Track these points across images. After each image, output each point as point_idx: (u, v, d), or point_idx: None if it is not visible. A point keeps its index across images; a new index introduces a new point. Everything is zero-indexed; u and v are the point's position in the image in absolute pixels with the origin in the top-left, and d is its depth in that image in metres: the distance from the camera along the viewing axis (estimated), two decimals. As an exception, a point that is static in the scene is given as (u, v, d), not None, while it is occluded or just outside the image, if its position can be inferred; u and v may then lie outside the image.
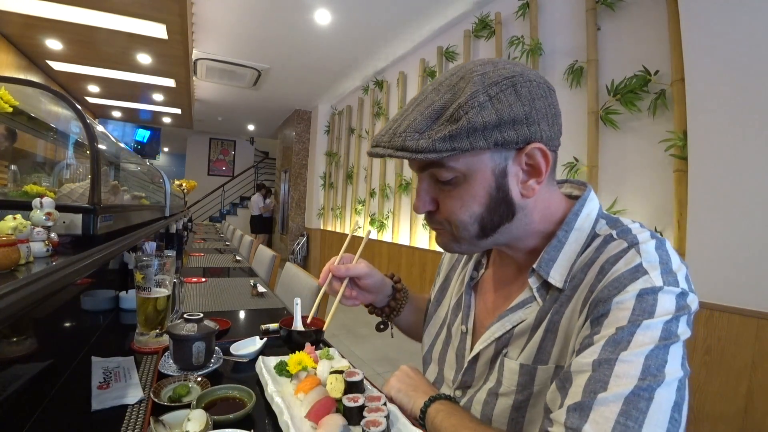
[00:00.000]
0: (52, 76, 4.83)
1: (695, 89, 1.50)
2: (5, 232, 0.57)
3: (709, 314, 1.40)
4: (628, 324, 0.41)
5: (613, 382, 0.39)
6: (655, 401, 0.37)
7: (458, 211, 0.50)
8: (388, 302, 0.78)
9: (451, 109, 0.45)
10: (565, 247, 0.52)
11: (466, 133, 0.44)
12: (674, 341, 0.40)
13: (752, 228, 1.32)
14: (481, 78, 0.46)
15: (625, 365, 0.39)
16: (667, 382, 0.38)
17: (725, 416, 1.35)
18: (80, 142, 1.36)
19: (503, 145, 0.46)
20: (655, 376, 0.38)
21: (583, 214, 0.53)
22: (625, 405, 0.37)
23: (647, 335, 0.40)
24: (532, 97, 0.47)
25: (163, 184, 2.38)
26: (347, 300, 0.71)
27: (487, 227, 0.51)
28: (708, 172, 1.45)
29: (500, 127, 0.45)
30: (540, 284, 0.53)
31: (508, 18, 2.69)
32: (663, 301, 0.41)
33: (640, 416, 0.37)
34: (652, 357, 0.39)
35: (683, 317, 0.42)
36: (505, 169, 0.48)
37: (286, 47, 4.05)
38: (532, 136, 0.47)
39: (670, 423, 0.37)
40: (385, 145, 0.48)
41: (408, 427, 0.59)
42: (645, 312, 0.41)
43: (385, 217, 4.17)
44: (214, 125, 8.49)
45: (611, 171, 2.00)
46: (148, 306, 0.95)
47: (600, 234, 0.52)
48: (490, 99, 0.45)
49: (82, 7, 3.10)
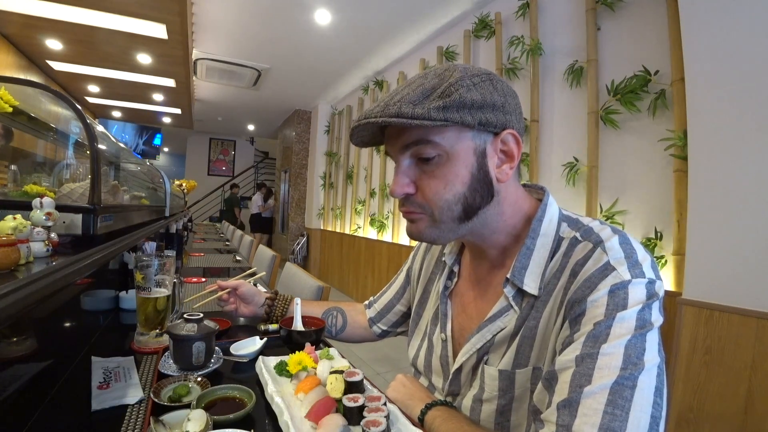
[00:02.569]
0: (52, 76, 4.83)
1: (695, 89, 1.50)
2: (5, 232, 0.57)
3: (709, 314, 1.40)
4: (604, 318, 0.43)
5: (597, 374, 0.40)
6: (638, 388, 0.39)
7: (442, 191, 0.51)
8: (264, 311, 1.04)
9: (442, 87, 0.48)
10: (534, 254, 0.54)
11: (457, 106, 0.47)
12: (649, 329, 0.42)
13: (752, 228, 1.32)
14: (464, 69, 0.51)
15: (607, 357, 0.41)
16: (648, 369, 0.40)
17: (725, 416, 1.35)
18: (80, 142, 1.36)
19: (486, 125, 0.50)
20: (635, 364, 0.40)
21: (545, 220, 0.56)
22: (611, 395, 0.39)
23: (623, 326, 0.42)
24: (505, 93, 0.52)
25: (163, 184, 2.38)
26: (225, 303, 1.03)
27: (469, 208, 0.52)
28: (708, 172, 1.45)
29: (484, 108, 0.49)
30: (515, 292, 0.55)
31: (508, 18, 2.69)
32: (633, 293, 0.44)
33: (625, 404, 0.38)
34: (631, 346, 0.41)
35: (654, 304, 0.44)
36: (484, 150, 0.51)
37: (286, 47, 4.04)
38: (508, 123, 0.51)
39: (653, 407, 0.39)
40: (378, 115, 0.49)
41: (408, 427, 0.59)
42: (618, 306, 0.43)
43: (385, 217, 4.17)
44: (214, 125, 8.49)
45: (611, 171, 2.00)
46: (148, 306, 0.95)
47: (565, 237, 0.54)
48: (474, 85, 0.49)
49: (82, 7, 3.10)
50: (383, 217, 4.19)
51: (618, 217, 1.93)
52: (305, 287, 1.56)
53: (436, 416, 0.58)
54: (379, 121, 0.48)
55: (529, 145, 2.43)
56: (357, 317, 0.99)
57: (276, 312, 1.06)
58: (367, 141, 0.58)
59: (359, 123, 0.51)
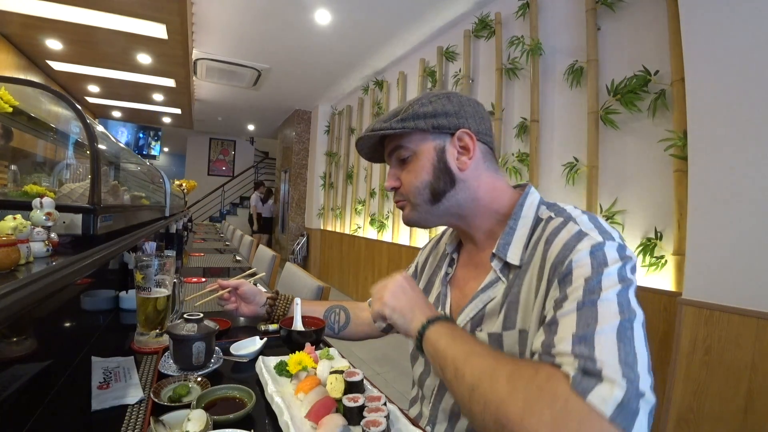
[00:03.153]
0: (52, 76, 4.83)
1: (695, 89, 1.50)
2: (5, 232, 0.57)
3: (709, 314, 1.40)
4: (592, 275, 0.49)
5: (601, 318, 0.45)
6: (635, 331, 0.44)
7: (414, 180, 0.66)
8: (265, 311, 1.06)
9: (404, 107, 0.67)
10: (516, 232, 0.63)
11: (412, 117, 0.64)
12: (628, 284, 0.49)
13: (752, 228, 1.32)
14: (426, 93, 0.69)
15: (605, 304, 0.46)
16: (638, 317, 0.46)
17: (725, 416, 1.35)
18: (80, 142, 1.36)
19: (439, 128, 0.65)
20: (628, 311, 0.46)
21: (526, 205, 0.65)
22: (618, 335, 0.43)
23: (610, 280, 0.48)
24: (461, 104, 0.67)
25: (163, 184, 2.38)
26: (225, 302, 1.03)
27: (435, 192, 0.65)
28: (708, 172, 1.45)
29: (436, 117, 0.64)
30: (502, 266, 0.63)
31: (508, 18, 2.69)
32: (609, 252, 0.51)
33: (629, 343, 0.43)
34: (621, 296, 0.47)
35: (628, 264, 0.51)
36: (443, 147, 0.65)
37: (286, 47, 4.04)
38: (461, 125, 0.65)
39: (646, 350, 0.44)
40: (364, 134, 0.69)
41: (408, 427, 0.59)
42: (601, 263, 0.50)
43: (385, 217, 4.17)
44: (214, 125, 8.48)
45: (611, 171, 2.00)
46: (148, 306, 0.95)
47: (543, 217, 0.63)
48: (430, 102, 0.66)
49: (82, 7, 3.10)
50: (383, 217, 4.19)
51: (618, 217, 1.93)
52: (305, 287, 1.56)
53: (441, 334, 0.55)
54: (363, 136, 0.69)
55: (529, 145, 2.43)
56: (360, 313, 1.01)
57: (277, 312, 1.07)
58: (370, 155, 0.76)
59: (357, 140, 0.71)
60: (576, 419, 0.37)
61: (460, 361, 0.50)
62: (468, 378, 0.48)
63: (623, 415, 0.37)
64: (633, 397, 0.38)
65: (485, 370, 0.47)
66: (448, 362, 0.52)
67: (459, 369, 0.50)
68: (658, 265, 1.72)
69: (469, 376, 0.48)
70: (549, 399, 0.40)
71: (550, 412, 0.38)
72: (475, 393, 0.46)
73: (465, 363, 0.49)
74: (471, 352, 0.51)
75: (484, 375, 0.47)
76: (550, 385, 0.41)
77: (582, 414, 0.38)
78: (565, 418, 0.38)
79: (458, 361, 0.50)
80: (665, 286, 1.68)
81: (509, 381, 0.44)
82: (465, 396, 0.48)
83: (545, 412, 0.39)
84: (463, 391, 0.48)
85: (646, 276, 1.77)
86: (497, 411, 0.42)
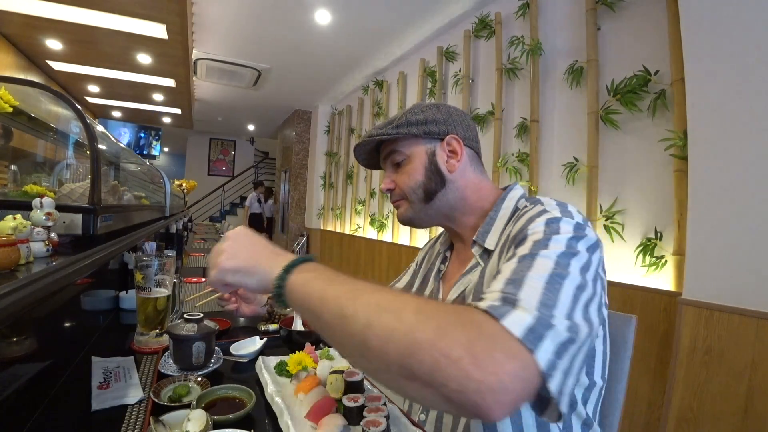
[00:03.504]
0: (52, 76, 4.83)
1: (695, 89, 1.50)
2: (5, 232, 0.57)
3: (709, 314, 1.40)
4: (542, 238, 0.53)
5: (536, 267, 0.48)
6: (565, 287, 0.46)
7: (408, 181, 0.73)
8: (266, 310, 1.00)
9: (399, 116, 0.74)
10: (496, 222, 0.70)
11: (405, 124, 0.71)
12: (574, 252, 0.51)
13: (752, 228, 1.32)
14: (417, 103, 0.76)
15: (543, 259, 0.49)
16: (572, 278, 0.47)
17: (725, 416, 1.35)
18: (80, 142, 1.36)
19: (429, 134, 0.72)
20: (562, 269, 0.48)
21: (508, 198, 0.72)
22: (547, 283, 0.46)
23: (557, 245, 0.52)
24: (449, 113, 0.74)
25: (163, 184, 2.38)
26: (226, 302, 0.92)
27: (428, 191, 0.72)
28: (708, 172, 1.45)
29: (426, 124, 0.72)
30: (482, 252, 0.70)
31: (508, 18, 2.69)
32: (564, 226, 0.55)
33: (555, 292, 0.45)
34: (561, 257, 0.50)
35: (582, 239, 0.54)
36: (434, 151, 0.72)
37: (286, 47, 4.04)
38: (449, 131, 0.72)
39: (579, 305, 0.45)
40: (361, 141, 0.76)
41: (408, 427, 0.59)
42: (553, 231, 0.54)
43: (385, 217, 4.16)
44: (214, 125, 8.48)
45: (611, 171, 2.00)
46: (148, 306, 0.95)
47: (519, 207, 0.69)
48: (422, 111, 0.73)
49: (82, 7, 3.09)
50: (383, 217, 4.19)
51: (618, 216, 1.93)
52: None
53: (310, 278, 0.49)
54: (360, 142, 0.76)
55: (529, 145, 2.43)
56: None
57: (278, 311, 1.07)
58: (367, 161, 0.82)
59: (354, 147, 0.78)
60: (489, 338, 0.38)
61: (346, 299, 0.44)
62: (362, 314, 0.42)
63: (531, 338, 0.38)
64: (541, 325, 0.40)
65: (386, 304, 0.42)
66: (329, 303, 0.44)
67: (346, 307, 0.43)
68: (658, 265, 1.72)
69: (363, 312, 0.42)
70: (463, 322, 0.39)
71: (464, 333, 0.37)
72: (373, 328, 0.40)
73: (354, 300, 0.43)
74: (360, 289, 0.45)
75: (386, 308, 0.41)
76: (467, 312, 0.41)
77: (495, 333, 0.38)
78: (479, 337, 0.37)
79: (343, 299, 0.44)
80: (665, 286, 1.67)
81: (418, 312, 0.40)
82: (356, 334, 0.41)
83: (459, 334, 0.37)
84: (353, 329, 0.41)
85: (646, 276, 1.77)
86: (404, 338, 0.38)
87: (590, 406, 0.63)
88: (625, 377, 0.76)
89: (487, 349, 0.37)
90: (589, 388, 0.62)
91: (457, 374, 0.35)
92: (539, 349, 0.38)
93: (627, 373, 0.76)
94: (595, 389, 0.63)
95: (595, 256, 0.54)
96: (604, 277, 0.56)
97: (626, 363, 0.76)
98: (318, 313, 0.46)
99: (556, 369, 0.39)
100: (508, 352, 0.37)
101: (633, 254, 1.83)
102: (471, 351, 0.36)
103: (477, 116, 2.88)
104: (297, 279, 0.49)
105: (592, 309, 0.47)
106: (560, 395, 0.39)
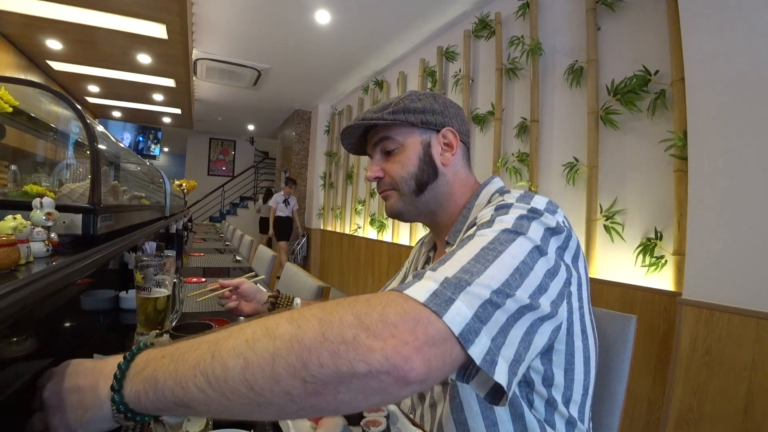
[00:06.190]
0: (52, 76, 4.83)
1: (695, 89, 1.50)
2: (5, 232, 0.57)
3: (709, 314, 1.40)
4: (487, 221, 0.52)
5: (468, 246, 0.47)
6: (499, 258, 0.44)
7: (400, 171, 0.70)
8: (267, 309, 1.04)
9: (395, 101, 0.70)
10: (468, 220, 0.67)
11: (403, 111, 0.68)
12: (521, 232, 0.49)
13: (752, 228, 1.32)
14: (414, 91, 0.73)
15: (479, 237, 0.48)
16: (511, 251, 0.45)
17: (725, 416, 1.35)
18: (80, 142, 1.36)
19: (426, 124, 0.69)
20: (498, 244, 0.46)
21: (482, 194, 0.70)
22: (477, 255, 0.45)
23: (500, 224, 0.50)
24: (446, 105, 0.72)
25: (163, 184, 2.38)
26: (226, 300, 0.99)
27: (420, 183, 0.70)
28: (708, 172, 1.45)
29: (424, 113, 0.69)
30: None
31: (508, 18, 2.69)
32: (515, 211, 0.53)
33: (485, 261, 0.44)
34: (503, 233, 0.48)
35: (535, 220, 0.51)
36: (429, 142, 0.70)
37: (286, 47, 4.04)
38: (446, 123, 0.70)
39: (513, 275, 0.43)
40: (353, 123, 0.71)
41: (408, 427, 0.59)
42: (500, 214, 0.52)
43: (384, 218, 4.16)
44: (214, 125, 8.48)
45: (611, 171, 2.00)
46: (148, 306, 0.95)
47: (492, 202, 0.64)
48: (419, 99, 0.70)
49: (82, 7, 3.09)
50: (383, 217, 4.19)
51: (618, 217, 1.93)
52: (305, 287, 1.56)
53: (153, 356, 0.40)
54: (354, 124, 0.70)
55: (529, 145, 2.43)
56: None
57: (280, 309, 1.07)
58: (354, 147, 0.78)
59: (343, 130, 0.72)
60: (398, 306, 0.37)
61: (206, 361, 0.36)
62: (232, 362, 0.35)
63: (436, 300, 0.37)
64: (448, 289, 0.39)
65: (254, 335, 0.36)
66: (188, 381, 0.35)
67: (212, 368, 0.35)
68: (658, 265, 1.72)
69: (232, 358, 0.35)
70: (378, 301, 0.38)
71: (351, 312, 0.36)
72: (251, 364, 0.34)
73: (217, 354, 0.36)
74: (218, 339, 0.37)
75: (257, 337, 0.36)
76: (384, 294, 0.40)
77: (400, 300, 0.38)
78: (371, 309, 0.36)
79: (204, 364, 0.36)
80: (665, 286, 1.68)
81: (292, 320, 0.36)
82: (239, 385, 0.34)
83: (346, 314, 0.36)
84: (233, 383, 0.34)
85: (646, 276, 1.77)
86: (290, 350, 0.34)
87: (574, 406, 0.59)
88: (625, 377, 0.76)
89: (380, 316, 0.35)
90: (569, 387, 0.58)
91: (359, 354, 0.33)
92: (448, 311, 0.37)
93: (627, 374, 0.76)
94: (577, 388, 0.59)
95: (555, 238, 0.51)
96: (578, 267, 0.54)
97: (626, 363, 0.76)
98: (186, 400, 0.36)
99: (475, 334, 0.37)
100: (406, 315, 0.36)
101: (633, 254, 1.83)
102: (362, 325, 0.34)
103: (477, 116, 2.88)
104: (135, 383, 0.38)
105: (541, 285, 0.45)
106: (490, 365, 0.37)
